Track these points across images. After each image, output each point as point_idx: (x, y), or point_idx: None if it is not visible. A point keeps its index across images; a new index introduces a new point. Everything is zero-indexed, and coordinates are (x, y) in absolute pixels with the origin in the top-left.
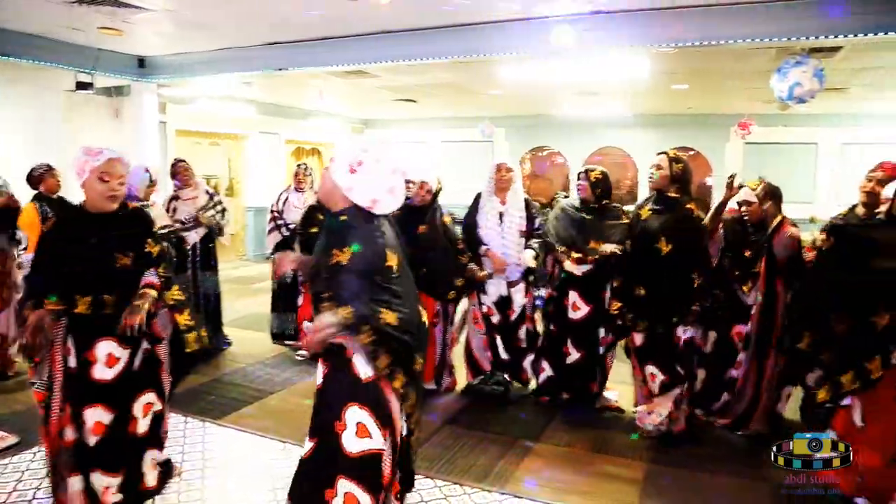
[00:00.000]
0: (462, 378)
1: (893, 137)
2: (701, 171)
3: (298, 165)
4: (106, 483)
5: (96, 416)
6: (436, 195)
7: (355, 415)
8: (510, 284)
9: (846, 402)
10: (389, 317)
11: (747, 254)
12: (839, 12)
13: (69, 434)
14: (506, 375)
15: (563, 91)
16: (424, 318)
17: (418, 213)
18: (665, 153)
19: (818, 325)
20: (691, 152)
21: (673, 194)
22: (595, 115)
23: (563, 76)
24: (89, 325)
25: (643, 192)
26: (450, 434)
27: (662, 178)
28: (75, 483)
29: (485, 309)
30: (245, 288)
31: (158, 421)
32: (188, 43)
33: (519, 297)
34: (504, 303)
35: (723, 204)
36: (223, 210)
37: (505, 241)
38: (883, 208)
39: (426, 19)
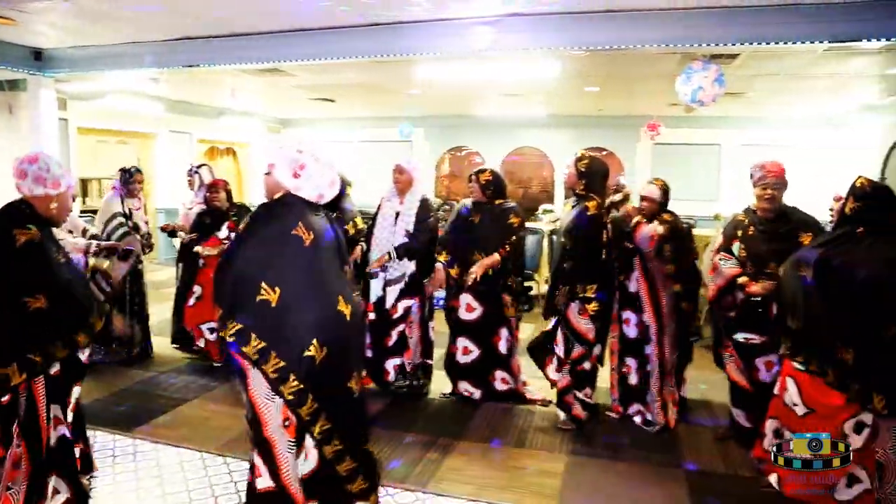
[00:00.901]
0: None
1: (787, 139)
2: (613, 170)
3: (189, 167)
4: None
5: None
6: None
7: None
8: (386, 283)
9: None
10: (270, 296)
11: (630, 246)
12: (737, 21)
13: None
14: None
15: (481, 91)
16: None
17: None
18: (574, 154)
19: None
20: (604, 152)
21: (580, 191)
22: (513, 115)
23: (481, 76)
24: None
25: (559, 191)
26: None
27: (570, 177)
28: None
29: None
30: (157, 293)
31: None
32: (90, 36)
33: (392, 297)
34: (382, 302)
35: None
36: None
37: (395, 239)
38: (836, 206)
39: (342, 18)
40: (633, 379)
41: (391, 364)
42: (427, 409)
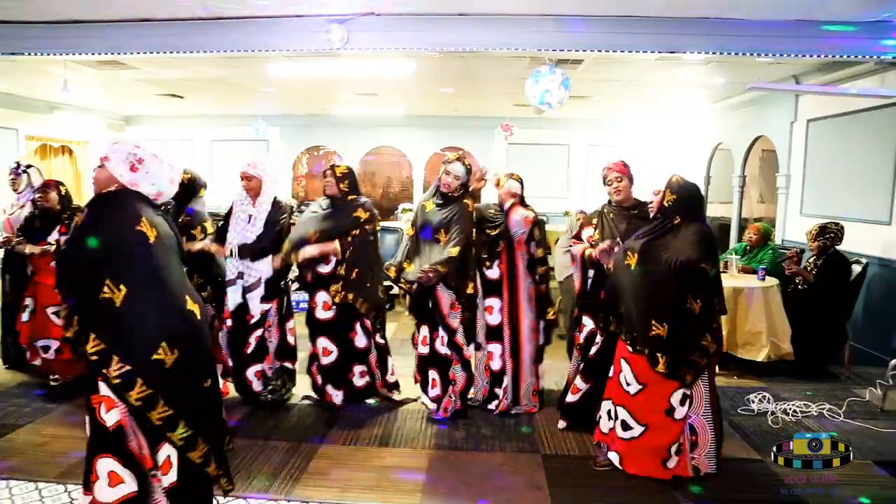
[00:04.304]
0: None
1: (630, 140)
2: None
3: (15, 165)
4: None
5: None
6: (191, 190)
7: (105, 465)
8: (246, 290)
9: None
10: (115, 294)
11: (492, 232)
12: (580, 29)
13: None
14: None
15: (337, 90)
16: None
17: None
18: (460, 161)
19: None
20: (461, 151)
21: (455, 194)
22: (370, 114)
23: (336, 75)
24: None
25: (417, 190)
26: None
27: (453, 185)
28: None
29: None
30: None
31: None
32: None
33: (255, 303)
34: (241, 309)
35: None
36: None
37: (250, 240)
38: (655, 199)
39: (190, 9)
40: (495, 365)
41: (252, 372)
42: (289, 415)
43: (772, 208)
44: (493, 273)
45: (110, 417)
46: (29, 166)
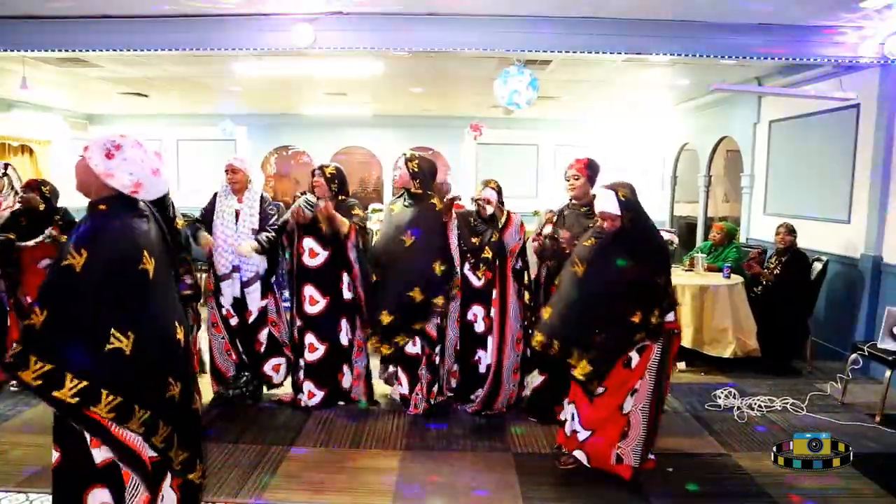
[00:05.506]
0: (208, 389)
1: (598, 140)
2: (441, 169)
3: None
4: None
5: None
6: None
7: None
8: (244, 285)
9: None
10: (123, 343)
11: (475, 241)
12: (548, 30)
13: None
14: (248, 374)
15: (305, 90)
16: (180, 335)
17: None
18: (403, 154)
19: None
20: (430, 152)
21: (416, 190)
22: (339, 114)
23: (303, 74)
24: None
25: (388, 190)
26: None
27: (402, 177)
28: None
29: (224, 311)
30: None
31: None
32: None
33: (254, 298)
34: (239, 304)
35: (452, 200)
36: None
37: (240, 239)
38: (606, 223)
39: (155, 6)
40: (481, 369)
41: (270, 366)
42: (259, 417)
43: (737, 207)
44: (478, 281)
45: (99, 454)
46: (7, 166)
